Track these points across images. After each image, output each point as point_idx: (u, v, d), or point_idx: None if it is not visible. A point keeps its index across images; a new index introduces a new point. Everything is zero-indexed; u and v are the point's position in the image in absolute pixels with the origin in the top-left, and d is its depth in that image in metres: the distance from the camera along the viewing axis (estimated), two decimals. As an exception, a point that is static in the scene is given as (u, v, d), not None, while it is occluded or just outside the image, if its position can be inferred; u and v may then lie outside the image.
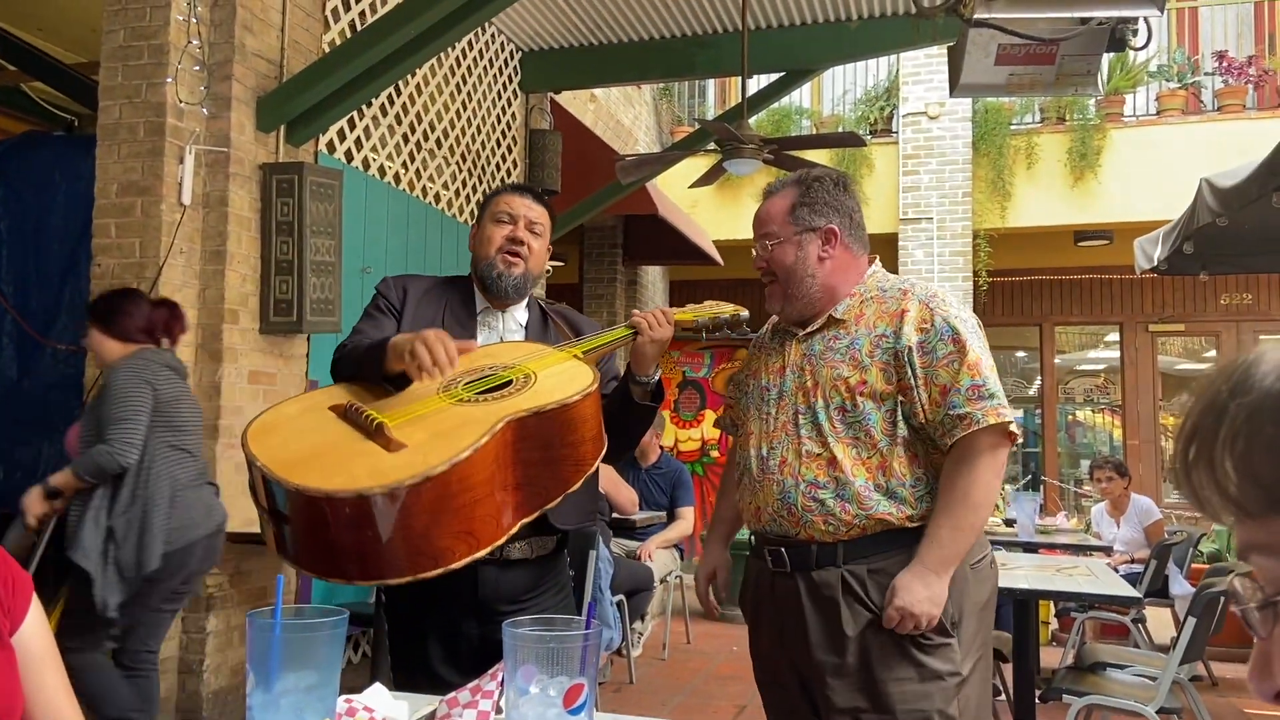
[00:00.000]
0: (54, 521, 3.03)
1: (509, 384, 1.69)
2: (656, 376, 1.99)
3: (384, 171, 4.92)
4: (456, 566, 1.51)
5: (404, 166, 5.09)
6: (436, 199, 5.42)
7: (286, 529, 1.52)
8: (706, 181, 5.44)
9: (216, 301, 3.84)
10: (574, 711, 1.10)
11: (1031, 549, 5.25)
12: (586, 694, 1.11)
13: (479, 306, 2.09)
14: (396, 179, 5.03)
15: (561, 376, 1.73)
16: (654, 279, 9.29)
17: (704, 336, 2.13)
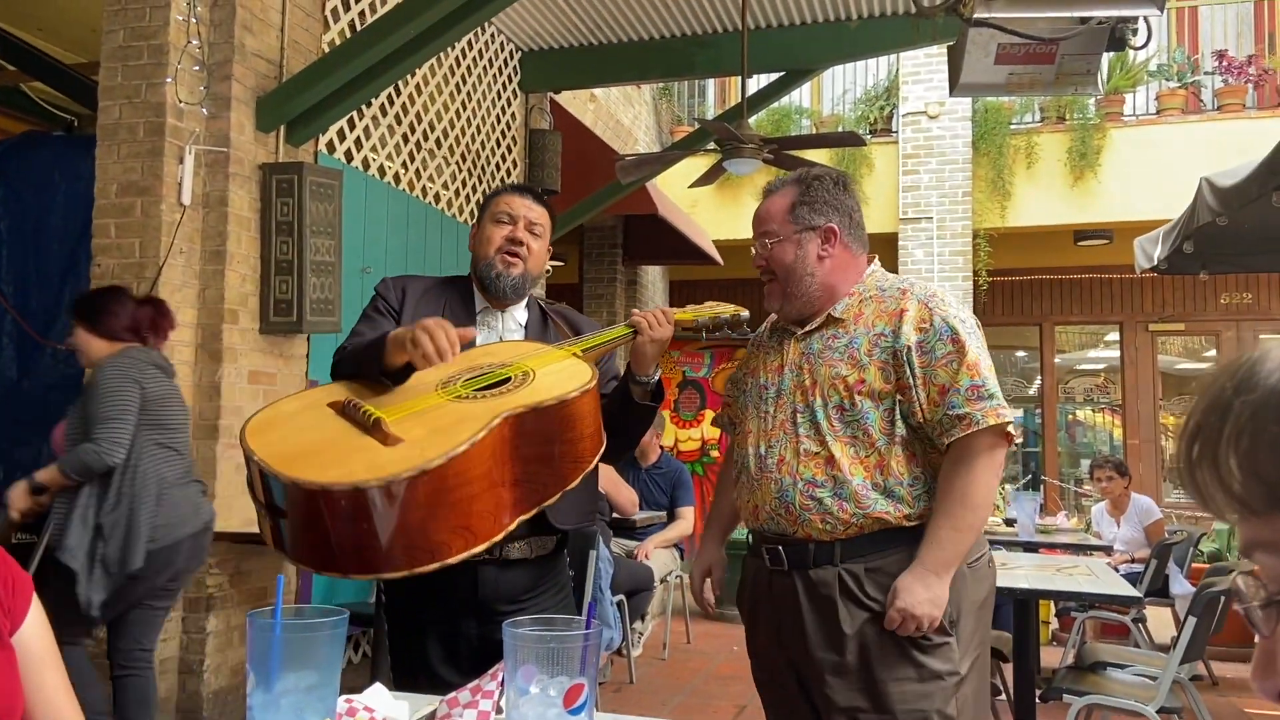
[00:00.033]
0: (52, 522, 3.02)
1: (507, 381, 1.70)
2: (656, 376, 1.98)
3: (384, 171, 4.92)
4: (454, 561, 1.51)
5: (404, 166, 5.09)
6: (436, 199, 5.42)
7: (284, 523, 1.52)
8: (706, 181, 5.43)
9: (216, 301, 3.84)
10: (574, 711, 1.10)
11: (1032, 549, 5.24)
12: (586, 694, 1.11)
13: (478, 306, 2.09)
14: (396, 179, 5.03)
15: (560, 374, 1.73)
16: (654, 279, 9.27)
17: (704, 336, 2.12)
